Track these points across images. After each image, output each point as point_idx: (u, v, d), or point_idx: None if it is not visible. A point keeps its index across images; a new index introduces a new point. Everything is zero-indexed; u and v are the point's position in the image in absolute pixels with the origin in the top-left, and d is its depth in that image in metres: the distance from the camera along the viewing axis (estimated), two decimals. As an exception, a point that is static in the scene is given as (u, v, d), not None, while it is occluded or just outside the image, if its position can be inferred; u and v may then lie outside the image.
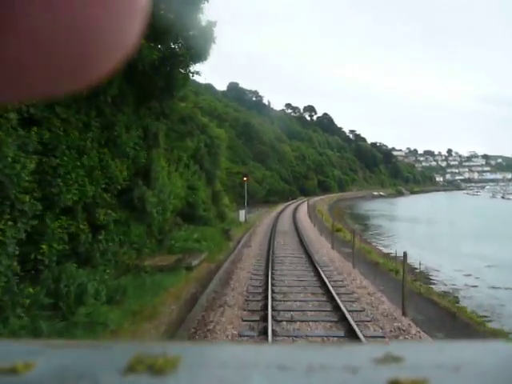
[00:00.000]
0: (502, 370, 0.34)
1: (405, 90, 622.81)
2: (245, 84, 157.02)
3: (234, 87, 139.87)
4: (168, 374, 0.35)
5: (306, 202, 65.01)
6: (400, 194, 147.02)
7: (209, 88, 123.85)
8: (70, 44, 0.24)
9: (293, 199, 78.84)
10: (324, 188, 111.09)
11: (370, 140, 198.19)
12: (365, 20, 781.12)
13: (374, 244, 26.18)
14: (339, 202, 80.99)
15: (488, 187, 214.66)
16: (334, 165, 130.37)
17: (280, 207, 55.94)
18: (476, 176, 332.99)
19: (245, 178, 37.67)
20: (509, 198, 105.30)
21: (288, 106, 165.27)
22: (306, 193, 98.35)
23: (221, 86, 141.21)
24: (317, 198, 73.41)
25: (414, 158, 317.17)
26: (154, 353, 0.38)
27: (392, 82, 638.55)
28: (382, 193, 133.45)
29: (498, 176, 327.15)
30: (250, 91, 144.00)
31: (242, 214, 32.44)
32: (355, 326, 8.17)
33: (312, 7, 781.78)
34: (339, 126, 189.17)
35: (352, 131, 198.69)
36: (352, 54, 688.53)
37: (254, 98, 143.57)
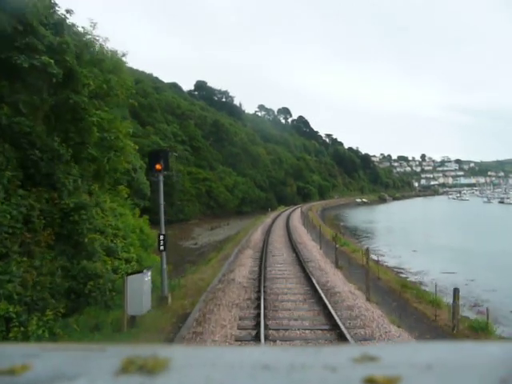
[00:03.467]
0: (471, 368, 0.37)
1: (378, 98, 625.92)
2: (214, 84, 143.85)
3: (201, 86, 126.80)
4: (158, 374, 0.37)
5: (296, 216, 48.73)
6: (383, 200, 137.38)
7: (173, 87, 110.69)
8: None
9: (272, 210, 65.87)
10: (304, 195, 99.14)
11: (345, 145, 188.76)
12: (340, 30, 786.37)
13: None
14: (326, 212, 68.89)
15: (464, 191, 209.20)
16: (312, 170, 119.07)
17: (260, 224, 38.97)
18: (450, 181, 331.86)
19: (158, 166, 11.86)
20: (510, 203, 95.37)
21: (261, 107, 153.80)
22: (284, 201, 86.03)
23: (188, 86, 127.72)
24: (304, 208, 59.94)
25: (388, 164, 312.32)
26: (145, 355, 0.40)
27: (365, 90, 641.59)
28: (365, 200, 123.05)
29: (472, 180, 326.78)
30: (220, 91, 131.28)
31: (146, 289, 10.19)
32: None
33: (288, 15, 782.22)
34: (315, 129, 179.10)
35: (328, 135, 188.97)
36: (323, 62, 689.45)
37: (224, 99, 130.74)
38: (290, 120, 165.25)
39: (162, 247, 11.80)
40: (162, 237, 11.90)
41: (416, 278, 18.84)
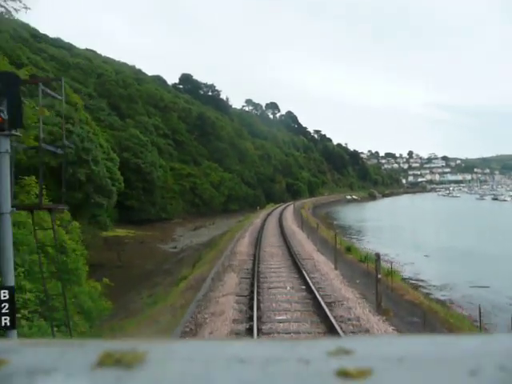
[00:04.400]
0: (441, 361, 0.38)
1: (365, 95, 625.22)
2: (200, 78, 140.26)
3: (187, 79, 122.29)
4: (135, 367, 0.37)
5: (289, 215, 42.59)
6: (373, 197, 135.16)
7: (157, 80, 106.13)
8: None
9: (260, 208, 62.11)
10: (293, 192, 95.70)
11: (334, 142, 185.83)
12: (329, 27, 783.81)
13: None
14: (317, 209, 65.60)
15: (452, 188, 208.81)
16: (301, 166, 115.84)
17: (248, 227, 31.25)
18: (437, 177, 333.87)
19: None
20: (504, 200, 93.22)
21: (249, 102, 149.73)
22: (272, 198, 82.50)
23: (173, 80, 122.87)
24: (295, 206, 55.57)
25: (376, 161, 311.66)
26: (122, 349, 0.40)
27: (353, 87, 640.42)
28: (355, 196, 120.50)
29: (459, 177, 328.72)
30: (206, 84, 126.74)
31: None
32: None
33: (278, 14, 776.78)
34: (303, 125, 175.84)
35: (317, 131, 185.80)
36: (311, 60, 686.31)
37: (210, 93, 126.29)
38: (278, 115, 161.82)
39: (4, 321, 4.59)
40: (3, 294, 4.66)
41: (443, 294, 15.47)
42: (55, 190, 13.36)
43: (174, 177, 58.95)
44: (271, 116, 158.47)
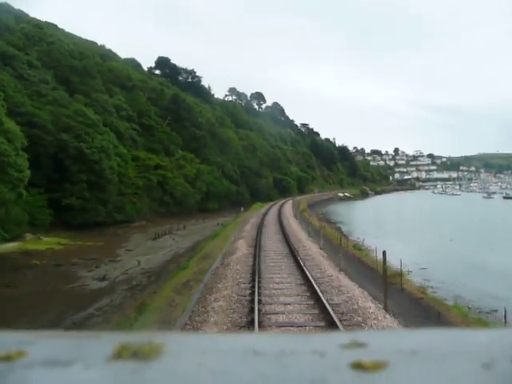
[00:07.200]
0: (455, 354, 0.38)
1: (351, 92, 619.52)
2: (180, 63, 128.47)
3: (164, 63, 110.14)
4: (152, 359, 0.37)
5: (293, 225, 25.80)
6: (365, 194, 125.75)
7: (130, 62, 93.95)
8: None
9: (245, 210, 50.99)
10: (281, 188, 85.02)
11: (321, 137, 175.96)
12: (316, 25, 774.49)
13: None
14: (313, 209, 54.98)
15: (439, 185, 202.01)
16: (290, 160, 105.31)
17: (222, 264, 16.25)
18: (424, 175, 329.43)
19: None
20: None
21: (232, 91, 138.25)
22: (258, 195, 71.69)
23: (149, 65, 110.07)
24: (291, 206, 44.49)
25: (362, 158, 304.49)
26: (138, 341, 0.40)
27: (339, 84, 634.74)
28: (347, 194, 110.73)
29: (445, 175, 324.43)
30: (186, 70, 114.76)
31: None
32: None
33: (264, 10, 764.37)
34: (291, 118, 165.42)
35: (304, 125, 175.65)
36: (296, 56, 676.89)
37: (190, 79, 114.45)
38: (263, 106, 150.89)
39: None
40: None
41: None
42: None
43: (137, 168, 47.48)
44: (256, 107, 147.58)
